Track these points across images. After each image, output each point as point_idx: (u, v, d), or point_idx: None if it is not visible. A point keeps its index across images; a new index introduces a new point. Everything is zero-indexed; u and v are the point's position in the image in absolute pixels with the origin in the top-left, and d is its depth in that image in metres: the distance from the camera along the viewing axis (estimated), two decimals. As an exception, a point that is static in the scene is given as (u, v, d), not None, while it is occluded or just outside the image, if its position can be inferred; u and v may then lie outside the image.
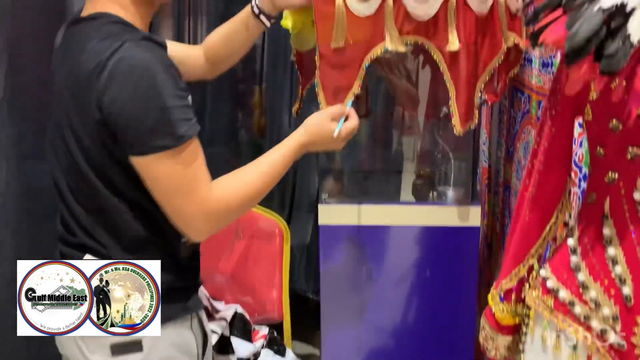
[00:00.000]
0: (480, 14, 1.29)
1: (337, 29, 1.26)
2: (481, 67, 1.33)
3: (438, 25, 1.28)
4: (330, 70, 1.31)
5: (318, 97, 1.33)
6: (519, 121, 1.54)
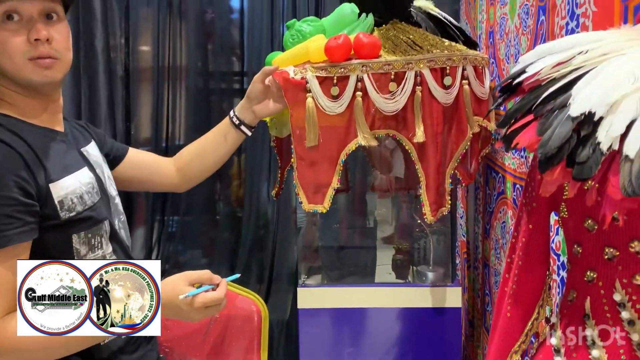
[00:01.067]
0: (446, 104, 1.33)
1: (309, 129, 1.29)
2: (449, 154, 1.36)
3: (407, 118, 1.31)
4: (308, 169, 1.33)
5: (299, 196, 1.34)
6: (495, 200, 1.56)
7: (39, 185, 0.97)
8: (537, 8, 1.20)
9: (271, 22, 2.54)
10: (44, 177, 0.98)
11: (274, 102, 1.33)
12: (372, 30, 1.46)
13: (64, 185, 1.01)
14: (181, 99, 2.62)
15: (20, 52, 0.97)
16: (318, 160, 1.32)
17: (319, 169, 1.32)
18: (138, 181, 1.30)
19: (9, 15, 0.96)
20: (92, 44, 2.31)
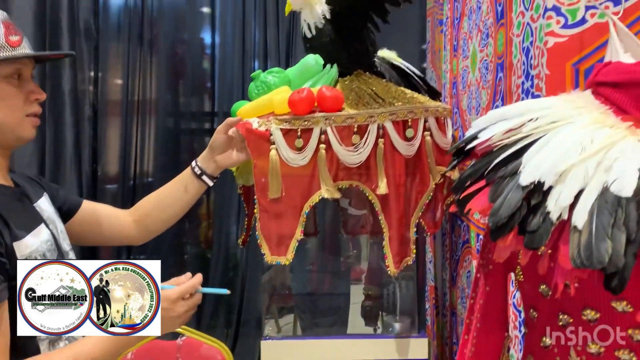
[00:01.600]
0: (408, 156, 1.34)
1: (272, 180, 1.28)
2: (413, 205, 1.36)
3: (370, 169, 1.32)
4: (271, 221, 1.32)
5: (261, 248, 1.32)
6: (460, 248, 1.56)
7: (6, 244, 0.94)
8: (495, 65, 1.23)
9: (242, 58, 2.56)
10: (9, 235, 0.95)
11: (238, 152, 1.32)
12: (337, 81, 1.47)
13: (28, 244, 0.98)
14: (150, 137, 2.61)
15: (22, 109, 1.02)
16: (281, 212, 1.31)
17: (282, 220, 1.31)
18: (92, 234, 1.26)
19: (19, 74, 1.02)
20: (59, 86, 2.29)
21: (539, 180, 0.73)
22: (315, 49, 1.49)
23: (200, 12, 2.72)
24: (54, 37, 2.21)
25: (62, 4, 2.22)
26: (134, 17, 2.50)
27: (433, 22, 1.94)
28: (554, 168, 0.72)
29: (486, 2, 1.28)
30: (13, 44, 1.00)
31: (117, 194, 2.60)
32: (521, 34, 1.06)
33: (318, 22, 1.46)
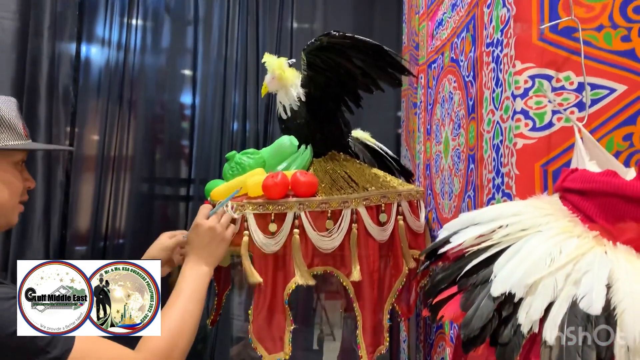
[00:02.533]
0: (381, 241, 1.34)
1: (246, 266, 1.26)
2: (386, 291, 1.35)
3: (344, 255, 1.31)
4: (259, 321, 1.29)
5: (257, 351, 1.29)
6: (434, 332, 1.54)
7: None
8: (467, 155, 1.25)
9: (222, 119, 2.57)
10: None
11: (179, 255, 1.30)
12: (311, 162, 1.48)
13: None
14: (124, 197, 2.56)
15: (19, 195, 1.05)
16: (266, 308, 1.28)
17: (269, 317, 1.28)
18: None
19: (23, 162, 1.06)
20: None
21: (509, 292, 0.73)
22: (290, 130, 1.51)
23: (181, 74, 2.75)
24: (31, 102, 2.20)
25: (41, 72, 2.22)
26: (114, 77, 2.51)
27: (407, 104, 1.99)
28: (524, 280, 0.73)
29: (458, 94, 1.32)
30: (25, 134, 1.04)
31: (86, 255, 2.53)
32: (491, 131, 1.09)
33: (293, 104, 1.48)
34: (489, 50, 1.09)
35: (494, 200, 1.08)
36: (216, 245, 1.16)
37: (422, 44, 1.70)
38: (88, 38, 2.51)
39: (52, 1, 2.30)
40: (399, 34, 2.36)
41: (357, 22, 2.66)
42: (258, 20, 2.63)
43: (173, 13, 2.63)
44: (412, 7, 1.92)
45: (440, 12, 1.50)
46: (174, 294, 1.07)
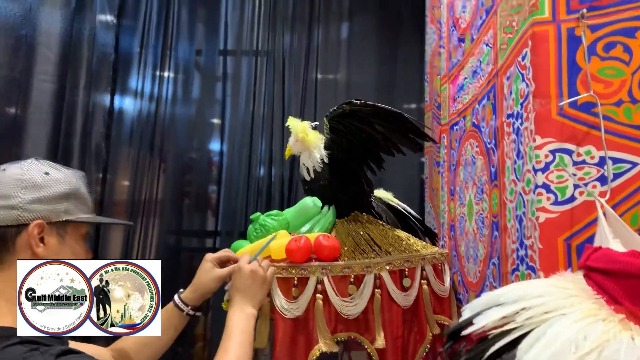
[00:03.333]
0: (405, 307, 1.32)
1: (261, 329, 1.26)
2: (410, 358, 1.33)
3: (368, 320, 1.30)
4: None
5: None
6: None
7: None
8: (490, 222, 1.25)
9: (248, 166, 2.62)
10: None
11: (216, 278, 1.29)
12: (334, 223, 1.49)
13: None
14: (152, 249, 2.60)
15: None
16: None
17: None
18: None
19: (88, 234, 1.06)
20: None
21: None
22: (314, 191, 1.53)
23: (210, 122, 2.83)
24: (65, 161, 2.28)
25: (75, 132, 2.32)
26: (146, 126, 2.61)
27: (430, 161, 2.00)
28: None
29: (480, 160, 1.33)
30: (93, 208, 1.07)
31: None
32: (514, 201, 1.08)
33: (316, 166, 1.50)
34: (510, 121, 1.10)
35: (517, 272, 1.06)
36: (259, 286, 1.19)
37: (444, 104, 1.73)
38: (122, 90, 2.63)
39: (88, 59, 2.42)
40: (421, 89, 2.39)
41: (379, 75, 2.71)
42: (284, 73, 2.71)
43: (203, 70, 2.73)
44: (434, 67, 1.95)
45: (461, 77, 1.52)
46: (225, 338, 1.09)
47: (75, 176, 1.03)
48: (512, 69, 1.08)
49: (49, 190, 0.97)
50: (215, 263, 1.26)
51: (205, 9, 2.75)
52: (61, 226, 0.98)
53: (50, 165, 1.01)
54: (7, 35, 2.18)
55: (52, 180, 0.98)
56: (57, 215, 0.97)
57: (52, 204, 0.97)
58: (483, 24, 1.31)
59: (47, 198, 0.96)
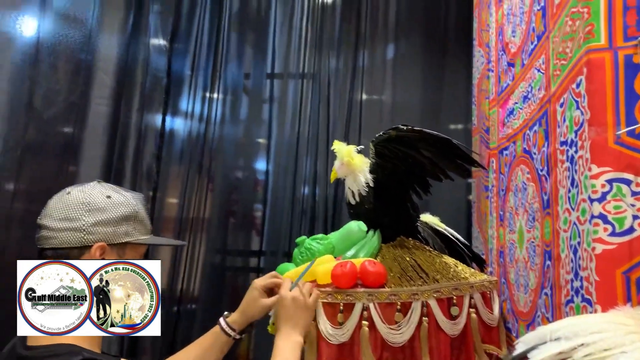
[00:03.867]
0: (453, 335, 1.29)
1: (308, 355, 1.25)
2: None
3: (414, 349, 1.27)
4: None
5: None
6: None
7: None
8: (542, 251, 1.21)
9: (293, 184, 2.64)
10: None
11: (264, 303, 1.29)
12: (380, 248, 1.48)
13: None
14: (197, 275, 2.65)
15: None
16: None
17: None
18: None
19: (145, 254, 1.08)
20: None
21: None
22: (359, 215, 1.53)
23: (256, 142, 2.88)
24: (117, 179, 2.37)
25: (128, 152, 2.42)
26: (195, 146, 2.68)
27: (479, 185, 1.96)
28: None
29: (532, 186, 1.30)
30: (151, 228, 1.10)
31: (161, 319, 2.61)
32: (568, 230, 1.05)
33: (362, 190, 1.50)
34: (563, 149, 1.07)
35: (572, 304, 1.03)
36: (301, 313, 1.19)
37: (493, 129, 1.70)
38: (173, 112, 2.72)
39: (142, 82, 2.52)
40: (468, 111, 2.36)
41: (425, 96, 2.69)
42: (329, 95, 2.73)
43: (250, 92, 2.79)
44: (482, 90, 1.93)
45: (511, 101, 1.50)
46: None
47: (135, 199, 1.07)
48: (566, 96, 1.06)
49: (111, 213, 1.00)
50: (263, 291, 1.27)
51: (254, 33, 2.82)
52: (121, 247, 1.01)
53: (112, 189, 1.05)
54: (68, 60, 2.30)
55: (114, 203, 1.02)
56: (118, 237, 1.01)
57: (114, 226, 1.00)
58: (534, 49, 1.29)
59: (109, 221, 1.00)
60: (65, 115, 2.28)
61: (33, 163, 2.21)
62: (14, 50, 2.10)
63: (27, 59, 2.12)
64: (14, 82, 2.04)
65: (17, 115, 2.06)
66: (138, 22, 2.61)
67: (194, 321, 2.67)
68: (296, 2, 2.80)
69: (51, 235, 0.96)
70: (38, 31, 2.26)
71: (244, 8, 2.83)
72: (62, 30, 2.33)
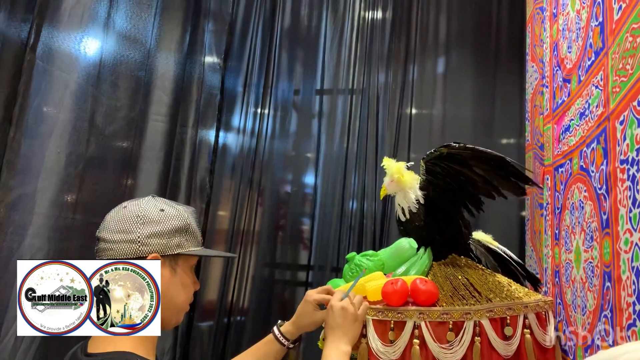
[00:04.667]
0: (506, 356, 1.27)
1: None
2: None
3: (467, 369, 1.25)
4: None
5: None
6: None
7: None
8: (602, 272, 1.18)
9: (342, 199, 2.65)
10: None
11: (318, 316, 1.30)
12: (431, 266, 1.47)
13: None
14: (247, 287, 2.69)
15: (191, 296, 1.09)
16: None
17: None
18: None
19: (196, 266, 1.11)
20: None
21: None
22: (409, 232, 1.52)
23: (305, 157, 2.92)
24: (172, 193, 2.46)
25: (183, 167, 2.50)
26: (246, 161, 2.74)
27: (532, 202, 1.92)
28: None
29: (589, 205, 1.26)
30: (201, 240, 1.11)
31: (211, 331, 2.67)
32: (630, 252, 1.02)
33: (412, 207, 1.50)
34: (624, 167, 1.04)
35: (635, 327, 0.99)
36: (350, 323, 1.20)
37: (548, 145, 1.66)
38: (225, 128, 2.79)
39: (197, 99, 2.61)
40: (521, 126, 2.32)
41: (477, 111, 2.65)
42: (378, 109, 2.73)
43: (300, 108, 2.83)
44: (535, 106, 1.89)
45: (566, 118, 1.46)
46: None
47: (187, 212, 1.10)
48: (627, 113, 1.03)
49: (164, 226, 1.03)
50: (316, 305, 1.28)
51: (304, 51, 2.87)
52: (173, 259, 1.04)
53: (165, 203, 1.09)
54: (128, 79, 2.41)
55: (167, 216, 1.05)
56: (171, 248, 1.03)
57: (167, 238, 1.03)
58: (592, 65, 1.26)
59: (163, 233, 1.03)
60: (125, 132, 2.38)
61: (93, 177, 2.31)
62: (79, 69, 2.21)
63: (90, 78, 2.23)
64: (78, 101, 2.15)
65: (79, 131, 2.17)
66: (194, 41, 2.70)
67: (243, 332, 2.71)
68: (347, 19, 2.83)
69: (108, 247, 0.99)
70: (101, 51, 2.38)
71: (295, 25, 2.89)
72: (123, 51, 2.44)
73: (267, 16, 2.89)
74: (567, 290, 1.44)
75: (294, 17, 2.90)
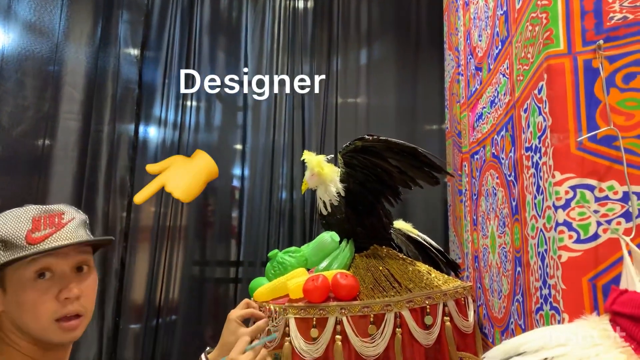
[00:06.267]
0: (427, 345, 1.28)
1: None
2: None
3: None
4: None
5: None
6: None
7: None
8: (513, 257, 1.20)
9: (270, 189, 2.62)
10: None
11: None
12: (353, 257, 1.47)
13: None
14: (175, 286, 2.61)
15: (48, 313, 0.89)
16: None
17: None
18: None
19: (41, 273, 0.89)
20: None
21: None
22: (331, 225, 1.51)
23: (233, 148, 2.85)
24: (89, 196, 2.33)
25: (100, 166, 2.38)
26: (170, 154, 2.64)
27: (453, 188, 1.96)
28: None
29: (501, 192, 1.29)
30: (34, 241, 0.89)
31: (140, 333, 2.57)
32: (536, 238, 1.04)
33: (333, 200, 1.48)
34: (528, 155, 1.06)
35: (542, 311, 1.02)
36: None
37: (464, 132, 1.69)
38: (146, 121, 2.67)
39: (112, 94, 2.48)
40: (442, 112, 2.36)
41: (400, 98, 2.68)
42: (304, 100, 2.71)
43: (224, 100, 2.76)
44: (453, 94, 1.93)
45: (479, 106, 1.49)
46: None
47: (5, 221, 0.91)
48: (529, 102, 1.05)
49: None
50: (240, 322, 1.23)
51: (226, 40, 2.79)
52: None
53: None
54: (36, 75, 2.26)
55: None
56: None
57: None
58: (499, 53, 1.28)
59: None
60: (34, 132, 2.23)
61: (2, 181, 2.16)
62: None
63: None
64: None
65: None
66: (107, 33, 2.56)
67: (174, 333, 2.63)
68: (267, 8, 2.77)
69: None
70: (2, 45, 2.21)
71: (215, 14, 2.80)
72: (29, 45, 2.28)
73: (186, 5, 2.78)
74: (485, 275, 1.48)
75: (213, 6, 2.81)
